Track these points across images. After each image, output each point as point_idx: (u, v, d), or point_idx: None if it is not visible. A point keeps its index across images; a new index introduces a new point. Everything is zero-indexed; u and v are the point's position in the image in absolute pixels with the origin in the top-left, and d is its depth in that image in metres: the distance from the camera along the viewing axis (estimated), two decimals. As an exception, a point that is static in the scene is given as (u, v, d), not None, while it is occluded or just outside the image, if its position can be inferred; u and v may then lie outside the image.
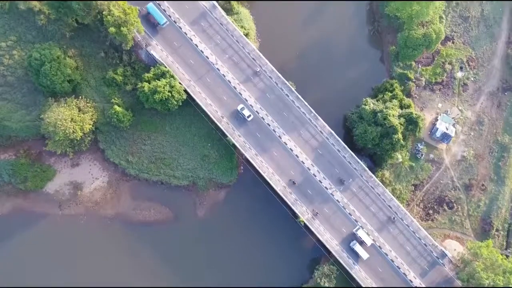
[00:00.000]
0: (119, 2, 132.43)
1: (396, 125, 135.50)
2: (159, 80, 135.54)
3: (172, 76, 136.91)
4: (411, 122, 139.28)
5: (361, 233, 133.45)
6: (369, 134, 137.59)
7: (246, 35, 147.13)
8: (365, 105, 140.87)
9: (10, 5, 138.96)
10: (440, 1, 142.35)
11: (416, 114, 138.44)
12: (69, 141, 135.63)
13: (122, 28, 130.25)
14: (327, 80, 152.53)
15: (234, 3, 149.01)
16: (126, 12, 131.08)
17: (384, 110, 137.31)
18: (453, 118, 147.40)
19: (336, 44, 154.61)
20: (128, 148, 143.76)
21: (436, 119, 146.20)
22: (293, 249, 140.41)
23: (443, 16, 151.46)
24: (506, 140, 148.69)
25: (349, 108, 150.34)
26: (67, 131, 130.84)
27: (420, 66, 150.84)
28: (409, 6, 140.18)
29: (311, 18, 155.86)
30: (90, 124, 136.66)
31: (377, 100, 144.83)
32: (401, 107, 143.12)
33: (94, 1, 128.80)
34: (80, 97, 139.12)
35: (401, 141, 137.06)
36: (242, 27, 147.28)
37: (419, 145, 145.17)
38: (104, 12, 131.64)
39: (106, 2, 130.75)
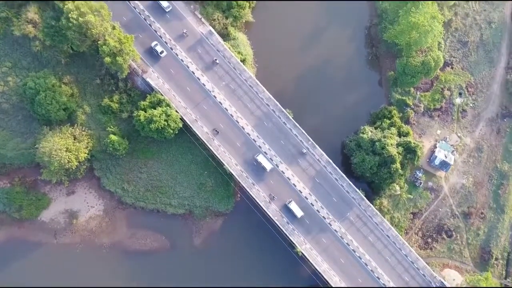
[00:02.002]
0: (114, 31, 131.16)
1: (394, 154, 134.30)
2: (155, 109, 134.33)
3: (168, 105, 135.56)
4: (410, 151, 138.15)
5: (261, 158, 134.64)
6: (367, 163, 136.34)
7: (243, 60, 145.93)
8: (363, 133, 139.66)
9: (5, 31, 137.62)
10: (439, 29, 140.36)
11: (414, 143, 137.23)
12: (64, 170, 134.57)
13: (117, 58, 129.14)
14: (325, 105, 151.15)
15: (231, 29, 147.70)
16: (122, 42, 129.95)
17: (382, 140, 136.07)
18: (452, 145, 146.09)
19: (334, 69, 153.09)
20: (124, 176, 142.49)
21: (435, 146, 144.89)
22: (290, 279, 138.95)
23: (442, 41, 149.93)
24: (505, 168, 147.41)
25: (347, 133, 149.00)
26: (62, 161, 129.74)
27: (419, 92, 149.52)
28: (408, 34, 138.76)
29: (309, 42, 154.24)
30: (85, 153, 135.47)
31: (375, 128, 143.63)
32: (400, 134, 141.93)
33: (88, 31, 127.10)
34: (76, 125, 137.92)
35: (400, 170, 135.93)
36: (239, 52, 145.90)
37: (417, 172, 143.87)
38: (99, 42, 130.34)
39: (101, 31, 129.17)
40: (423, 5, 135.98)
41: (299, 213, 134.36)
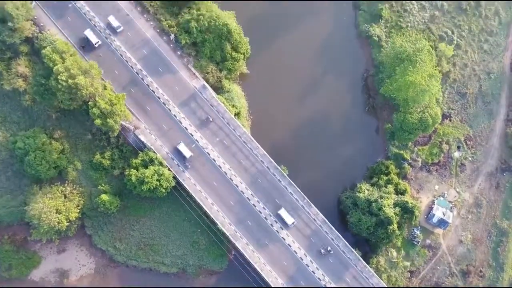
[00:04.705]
0: (105, 91, 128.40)
1: (391, 216, 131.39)
2: (147, 168, 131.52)
3: (161, 163, 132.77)
4: (407, 211, 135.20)
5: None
6: (363, 224, 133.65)
7: (238, 114, 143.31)
8: (360, 192, 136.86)
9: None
10: (437, 87, 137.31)
11: (412, 203, 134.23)
12: (54, 230, 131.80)
13: (108, 120, 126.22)
14: (321, 159, 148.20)
15: (225, 81, 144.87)
16: (113, 103, 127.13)
17: (379, 200, 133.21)
18: (450, 201, 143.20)
19: (330, 120, 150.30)
20: (116, 234, 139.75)
21: (433, 203, 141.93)
22: None
23: (440, 95, 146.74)
24: (504, 225, 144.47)
25: (344, 187, 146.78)
26: (52, 224, 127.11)
27: (416, 147, 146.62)
28: (405, 92, 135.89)
29: (305, 93, 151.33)
30: (76, 212, 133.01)
31: (372, 184, 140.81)
32: (397, 192, 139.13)
33: (79, 92, 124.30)
34: (66, 183, 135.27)
35: (396, 231, 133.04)
36: (233, 106, 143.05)
37: (415, 230, 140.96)
38: (90, 103, 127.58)
39: (92, 92, 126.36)
40: (420, 64, 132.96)
41: None
